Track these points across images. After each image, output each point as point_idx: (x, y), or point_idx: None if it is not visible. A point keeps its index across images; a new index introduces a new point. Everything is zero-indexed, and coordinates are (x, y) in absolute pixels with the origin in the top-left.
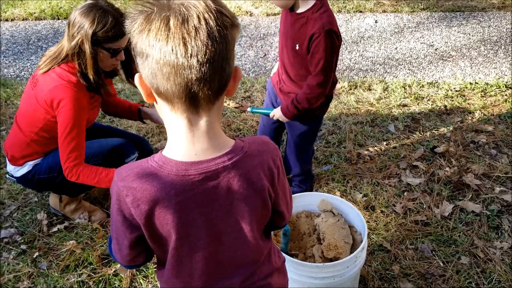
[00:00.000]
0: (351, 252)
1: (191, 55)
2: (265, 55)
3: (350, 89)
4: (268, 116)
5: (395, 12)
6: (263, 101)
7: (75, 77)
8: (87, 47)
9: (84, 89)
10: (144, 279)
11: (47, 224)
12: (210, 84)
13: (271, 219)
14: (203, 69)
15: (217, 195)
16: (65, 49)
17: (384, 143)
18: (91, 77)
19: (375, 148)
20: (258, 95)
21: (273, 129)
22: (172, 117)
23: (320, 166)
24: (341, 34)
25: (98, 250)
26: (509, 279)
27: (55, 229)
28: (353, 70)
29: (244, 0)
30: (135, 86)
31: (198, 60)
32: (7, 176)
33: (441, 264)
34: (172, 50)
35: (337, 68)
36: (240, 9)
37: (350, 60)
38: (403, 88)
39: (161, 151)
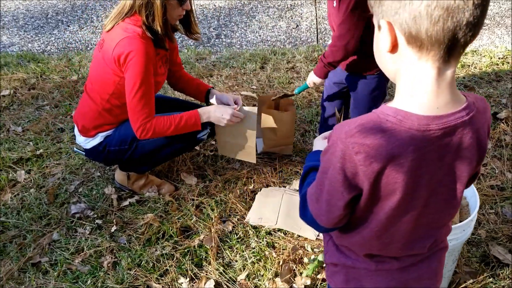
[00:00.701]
0: (460, 216)
1: None
2: (297, 26)
3: None
4: (308, 87)
5: None
6: (308, 70)
7: (141, 29)
8: None
9: (150, 42)
10: (230, 249)
11: (116, 198)
12: (475, 29)
13: None
14: (476, 12)
15: (447, 152)
16: (128, 3)
17: None
18: (158, 28)
19: None
20: (301, 65)
21: (336, 103)
22: (417, 67)
23: None
24: None
25: (177, 222)
26: None
27: (126, 203)
28: None
29: None
30: (195, 39)
31: (474, 2)
32: (75, 149)
33: None
34: None
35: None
36: None
37: None
38: None
39: (388, 104)
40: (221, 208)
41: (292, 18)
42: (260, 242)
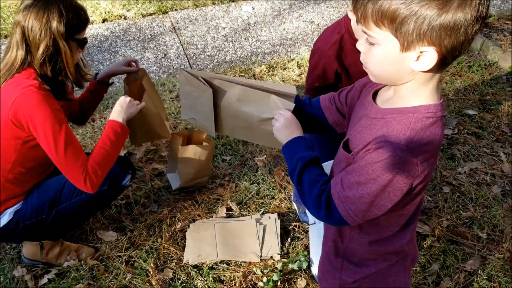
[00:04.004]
0: None
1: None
2: (166, 55)
3: (269, 71)
4: None
5: None
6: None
7: (36, 81)
8: (63, 44)
9: (50, 94)
10: None
11: (31, 278)
12: None
13: None
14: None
15: None
16: (20, 57)
17: None
18: (70, 76)
19: None
20: None
21: None
22: (432, 75)
23: None
24: (228, 25)
25: (111, 286)
26: (482, 195)
27: (44, 280)
28: (258, 54)
29: (112, 4)
30: (88, 80)
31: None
32: None
33: (430, 198)
34: (478, 12)
35: (245, 55)
36: (111, 14)
37: (251, 46)
38: None
39: (409, 105)
40: (154, 257)
41: (157, 48)
42: (206, 280)
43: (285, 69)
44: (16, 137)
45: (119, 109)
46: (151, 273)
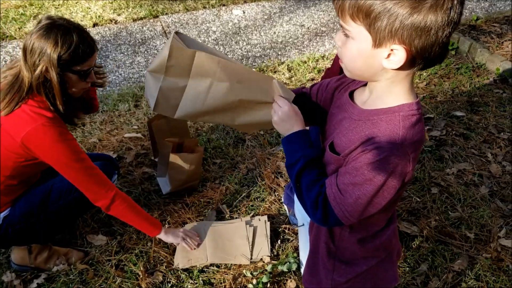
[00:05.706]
0: None
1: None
2: None
3: None
4: None
5: (256, 1)
6: None
7: (49, 112)
8: (53, 75)
9: (63, 125)
10: None
11: (20, 283)
12: None
13: None
14: None
15: None
16: (27, 79)
17: None
18: (60, 108)
19: None
20: None
21: None
22: (408, 73)
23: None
24: (218, 29)
25: None
26: (470, 196)
27: (33, 285)
28: (249, 58)
29: (103, 9)
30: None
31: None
32: None
33: (418, 199)
34: (449, 17)
35: (236, 59)
36: (102, 18)
37: (242, 49)
38: (303, 65)
39: (393, 104)
40: (144, 260)
41: (148, 52)
42: (196, 283)
43: (275, 72)
44: (18, 156)
45: (174, 238)
46: (141, 276)
